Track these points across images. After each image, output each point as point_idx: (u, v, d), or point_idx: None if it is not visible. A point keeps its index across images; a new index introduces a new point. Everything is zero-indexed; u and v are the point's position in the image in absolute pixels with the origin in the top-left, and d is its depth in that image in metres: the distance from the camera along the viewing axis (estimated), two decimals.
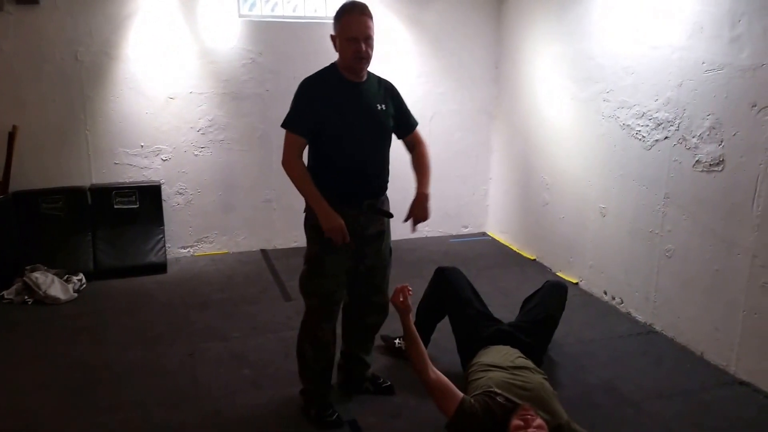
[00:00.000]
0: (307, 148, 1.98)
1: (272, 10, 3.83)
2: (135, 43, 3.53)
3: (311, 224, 2.00)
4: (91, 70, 3.50)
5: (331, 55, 4.66)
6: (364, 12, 1.89)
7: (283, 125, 1.95)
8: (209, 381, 2.37)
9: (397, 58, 4.01)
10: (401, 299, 1.90)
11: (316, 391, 2.12)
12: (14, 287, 3.15)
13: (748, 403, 2.27)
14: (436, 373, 1.85)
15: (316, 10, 3.91)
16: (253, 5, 3.76)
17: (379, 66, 4.08)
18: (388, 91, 2.07)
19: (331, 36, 1.97)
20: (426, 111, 4.15)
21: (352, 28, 1.87)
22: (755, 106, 2.31)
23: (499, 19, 4.12)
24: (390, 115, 2.04)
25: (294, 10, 3.88)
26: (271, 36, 3.76)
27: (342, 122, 1.93)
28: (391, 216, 2.09)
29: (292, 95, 4.28)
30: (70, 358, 2.54)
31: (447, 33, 4.05)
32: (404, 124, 2.10)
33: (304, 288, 2.06)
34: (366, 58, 1.91)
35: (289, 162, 1.93)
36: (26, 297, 3.11)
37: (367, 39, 1.88)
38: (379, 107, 2.00)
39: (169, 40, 3.58)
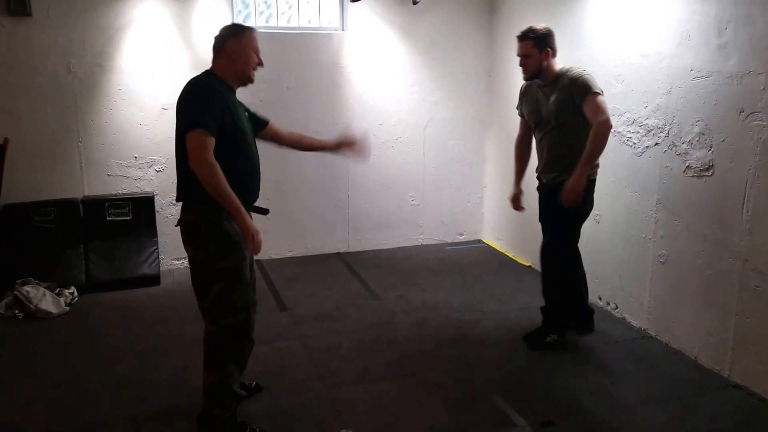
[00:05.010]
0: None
1: (266, 21, 3.86)
2: (128, 54, 3.54)
3: (221, 236, 1.89)
4: (84, 81, 3.50)
5: (324, 65, 4.63)
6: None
7: (198, 125, 1.80)
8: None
9: (391, 67, 4.05)
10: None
11: (233, 416, 2.02)
12: (5, 301, 3.11)
13: (742, 406, 2.28)
14: None
15: (309, 21, 3.94)
16: (247, 16, 3.79)
17: (374, 75, 4.13)
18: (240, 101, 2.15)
19: (232, 44, 1.97)
20: (420, 119, 4.18)
21: (256, 43, 2.03)
22: (743, 111, 2.34)
23: (491, 29, 4.17)
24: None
25: (288, 21, 3.91)
26: (265, 47, 3.70)
27: (239, 125, 1.97)
28: (267, 212, 2.13)
29: (286, 105, 4.28)
30: (61, 372, 2.51)
31: (440, 43, 4.10)
32: (259, 121, 2.19)
33: (228, 306, 1.94)
34: None
35: (212, 162, 1.80)
36: (17, 311, 3.07)
37: None
38: (246, 114, 2.10)
39: (163, 51, 3.59)
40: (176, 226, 2.01)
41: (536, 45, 2.56)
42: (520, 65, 2.63)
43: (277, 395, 2.33)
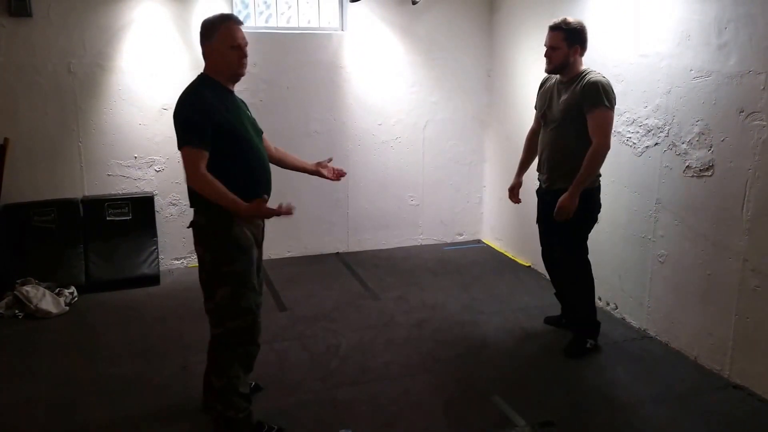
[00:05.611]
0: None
1: (266, 21, 3.86)
2: (128, 54, 3.54)
3: (229, 240, 1.91)
4: (84, 82, 3.50)
5: (323, 65, 4.63)
6: (239, 22, 1.97)
7: (186, 143, 1.83)
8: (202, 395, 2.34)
9: (391, 68, 4.05)
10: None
11: (248, 416, 2.04)
12: (5, 301, 3.12)
13: (742, 407, 2.28)
14: None
15: (309, 21, 3.94)
16: (247, 17, 3.79)
17: (373, 76, 4.13)
18: (243, 101, 2.11)
19: (207, 47, 1.94)
20: (419, 119, 4.18)
21: (235, 36, 1.92)
22: (743, 112, 2.34)
23: (490, 29, 4.17)
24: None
25: (288, 22, 3.91)
26: (265, 47, 3.78)
27: (241, 128, 1.95)
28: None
29: (285, 105, 4.28)
30: (60, 373, 2.51)
31: (439, 43, 4.10)
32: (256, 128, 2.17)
33: (232, 309, 1.95)
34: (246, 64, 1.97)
35: (203, 176, 1.83)
36: (17, 311, 3.08)
37: (247, 46, 1.96)
38: (250, 113, 2.07)
39: (163, 52, 3.59)
40: (188, 227, 2.02)
41: (566, 38, 2.49)
42: (545, 56, 2.55)
43: (277, 395, 2.33)
